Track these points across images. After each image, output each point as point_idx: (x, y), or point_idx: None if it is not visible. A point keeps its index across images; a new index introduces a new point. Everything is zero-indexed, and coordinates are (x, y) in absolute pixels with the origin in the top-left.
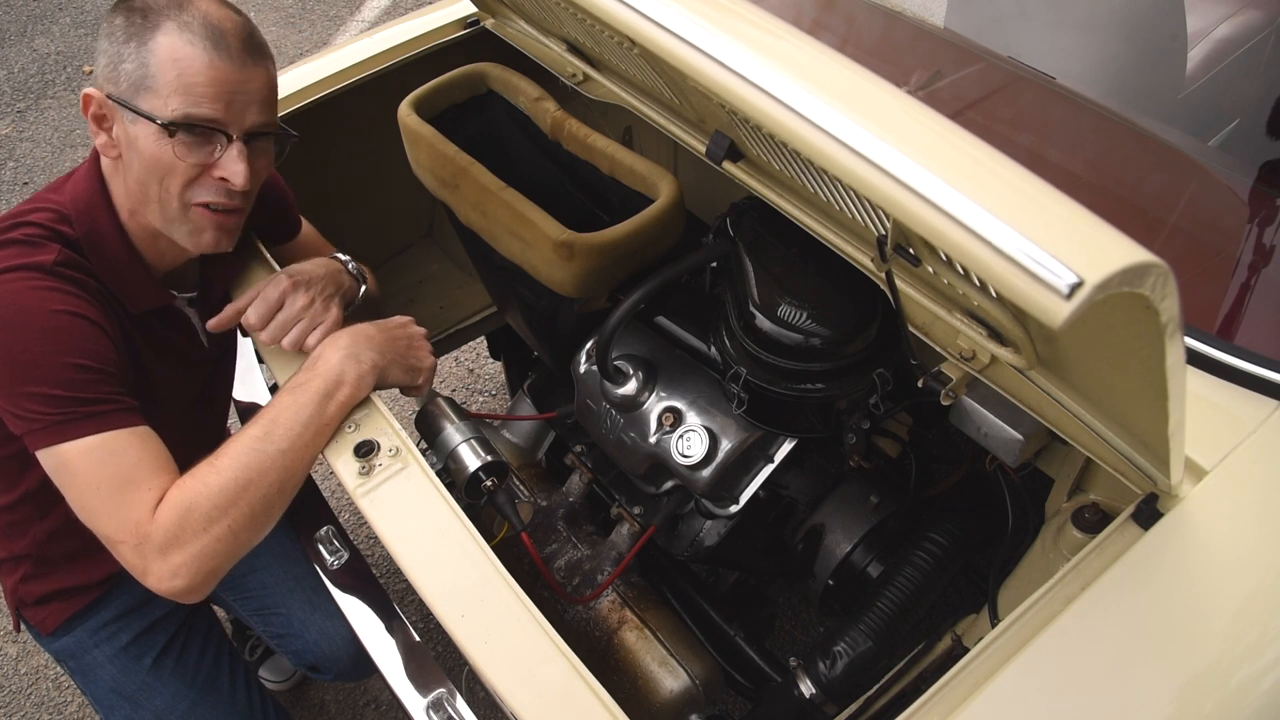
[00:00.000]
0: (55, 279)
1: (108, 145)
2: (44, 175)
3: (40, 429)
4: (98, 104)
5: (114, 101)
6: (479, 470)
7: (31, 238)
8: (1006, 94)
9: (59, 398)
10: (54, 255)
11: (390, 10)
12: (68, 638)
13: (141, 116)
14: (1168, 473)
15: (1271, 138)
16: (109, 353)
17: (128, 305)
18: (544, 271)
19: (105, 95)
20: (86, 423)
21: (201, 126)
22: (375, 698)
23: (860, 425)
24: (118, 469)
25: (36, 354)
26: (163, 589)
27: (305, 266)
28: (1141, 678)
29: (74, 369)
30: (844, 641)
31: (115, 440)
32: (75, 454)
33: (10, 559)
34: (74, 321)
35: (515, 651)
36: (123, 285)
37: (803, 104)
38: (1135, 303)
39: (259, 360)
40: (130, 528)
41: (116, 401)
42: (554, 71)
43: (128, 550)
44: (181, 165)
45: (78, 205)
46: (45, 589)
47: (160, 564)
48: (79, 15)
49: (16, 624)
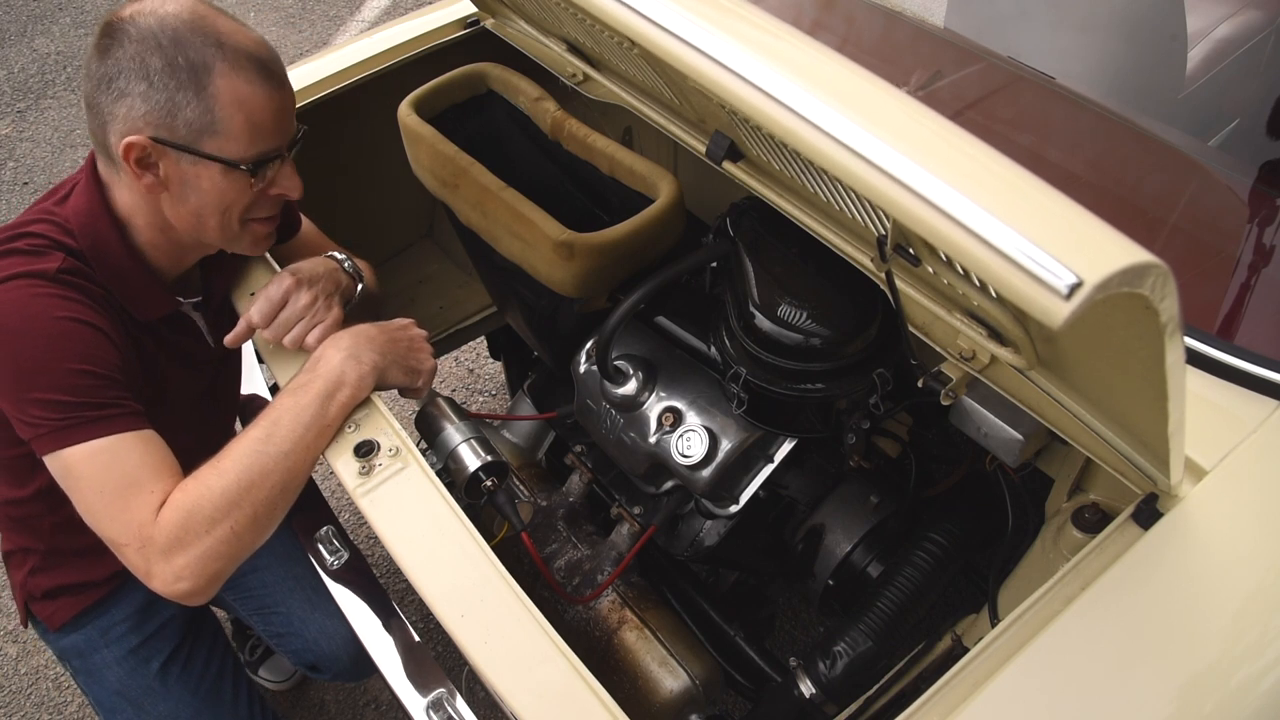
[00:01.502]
0: (59, 285)
1: (154, 185)
2: (44, 175)
3: (45, 434)
4: (141, 149)
5: (168, 146)
6: (479, 470)
7: (35, 247)
8: (1006, 94)
9: (64, 403)
10: (58, 263)
11: (390, 10)
12: (76, 635)
13: (208, 159)
14: (1168, 473)
15: (1271, 138)
16: (113, 358)
17: (135, 314)
18: (544, 271)
19: (153, 140)
20: (90, 427)
21: (271, 158)
22: (375, 698)
23: (860, 425)
24: (121, 473)
25: (41, 360)
26: (167, 591)
27: (306, 265)
28: (1141, 678)
29: (78, 375)
30: (844, 641)
31: (119, 444)
32: (79, 458)
33: (20, 551)
34: (78, 328)
35: (515, 651)
36: (128, 294)
37: (802, 104)
38: (1135, 303)
39: (259, 360)
40: (134, 531)
41: (120, 406)
42: (554, 71)
43: (131, 553)
44: (249, 194)
45: (79, 218)
46: (54, 583)
47: (164, 566)
48: (79, 15)
49: (24, 618)
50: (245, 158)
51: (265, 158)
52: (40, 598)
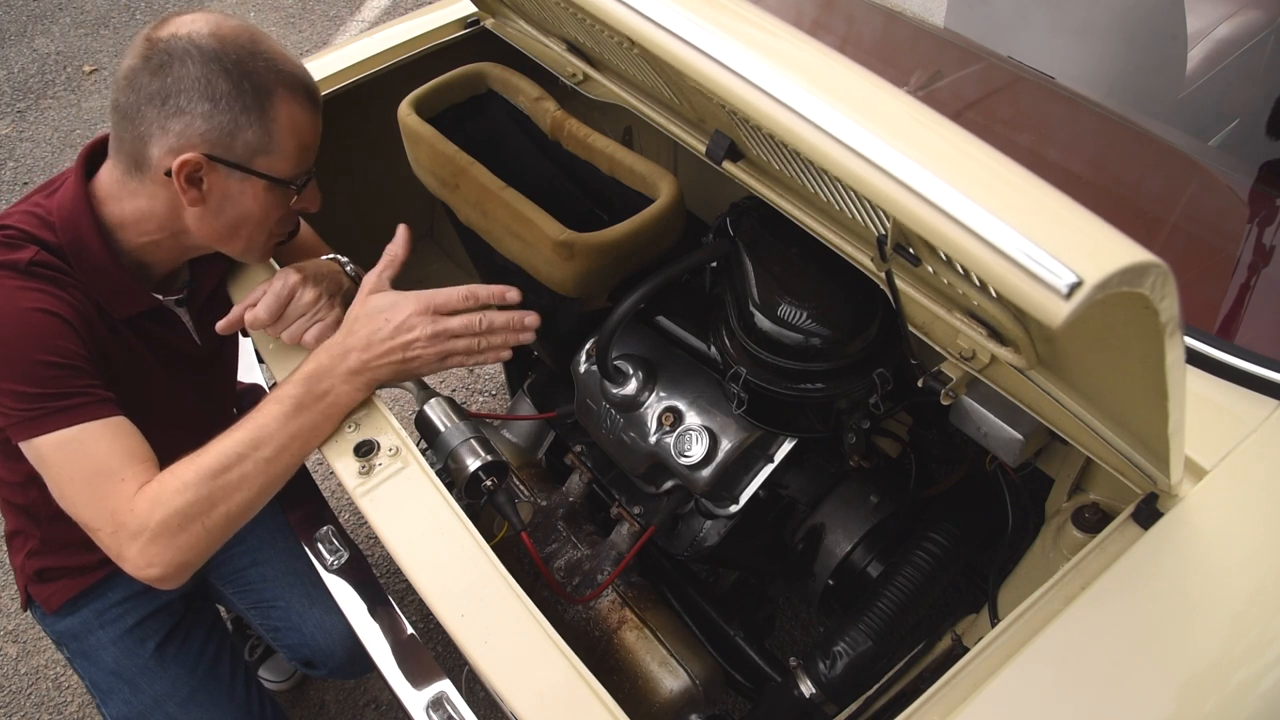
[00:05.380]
0: (28, 278)
1: (196, 199)
2: (44, 175)
3: (16, 424)
4: (194, 166)
5: (220, 163)
6: (479, 470)
7: (11, 239)
8: (1006, 94)
9: (29, 394)
10: (30, 254)
11: (390, 10)
12: (72, 618)
13: (258, 176)
14: (1168, 472)
15: (1271, 138)
16: (77, 347)
17: (111, 310)
18: (544, 271)
19: (207, 158)
20: (57, 417)
21: (310, 176)
22: (375, 698)
23: (860, 425)
24: (91, 460)
25: (8, 351)
26: (139, 575)
27: (310, 264)
28: (1141, 677)
29: (43, 365)
30: (844, 641)
31: (86, 433)
32: (49, 448)
33: (19, 534)
34: (44, 318)
35: (515, 651)
36: (104, 292)
37: (802, 104)
38: (1135, 302)
39: (259, 360)
40: (106, 516)
41: (86, 395)
42: (554, 71)
43: (105, 536)
44: (283, 209)
45: (63, 214)
46: (51, 564)
47: (134, 553)
48: (79, 15)
49: (25, 602)
50: (292, 176)
51: (307, 176)
52: (39, 581)
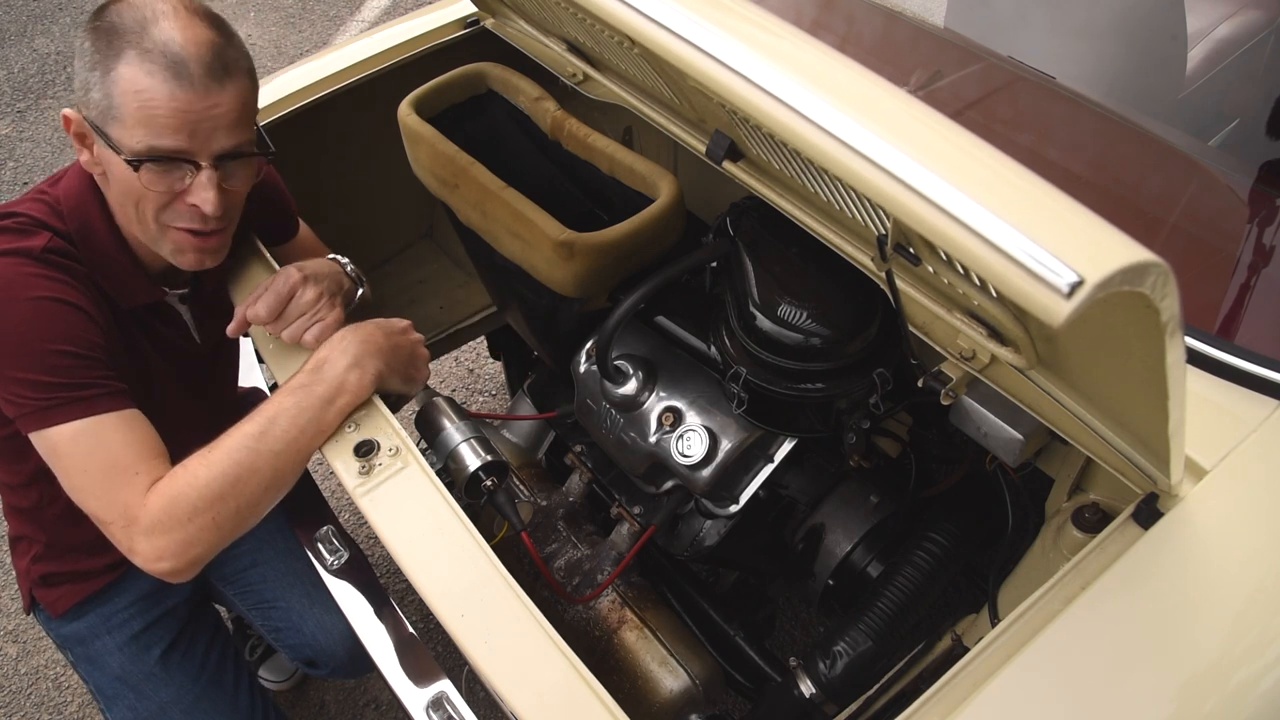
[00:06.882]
0: (43, 265)
1: (91, 163)
2: (44, 175)
3: (29, 413)
4: (77, 124)
5: (89, 124)
6: (479, 470)
7: (23, 226)
8: (1007, 94)
9: (44, 383)
10: (44, 242)
11: (390, 10)
12: (78, 622)
13: (107, 144)
14: (1168, 472)
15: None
16: (95, 338)
17: (118, 300)
18: (544, 271)
19: (82, 117)
20: (71, 408)
21: (166, 158)
22: (375, 698)
23: (860, 425)
24: (105, 453)
25: (22, 340)
26: (148, 569)
27: (311, 264)
28: (1141, 677)
29: (58, 355)
30: (844, 641)
31: (101, 424)
32: (62, 438)
33: (24, 538)
34: (59, 307)
35: (515, 651)
36: (113, 281)
37: (802, 103)
38: (1135, 302)
39: (259, 360)
40: (119, 509)
41: (101, 386)
42: (554, 71)
43: (116, 530)
44: (151, 194)
45: (70, 201)
46: (56, 569)
47: (145, 546)
48: (79, 15)
49: (28, 606)
50: (133, 150)
51: (158, 156)
52: (44, 585)
